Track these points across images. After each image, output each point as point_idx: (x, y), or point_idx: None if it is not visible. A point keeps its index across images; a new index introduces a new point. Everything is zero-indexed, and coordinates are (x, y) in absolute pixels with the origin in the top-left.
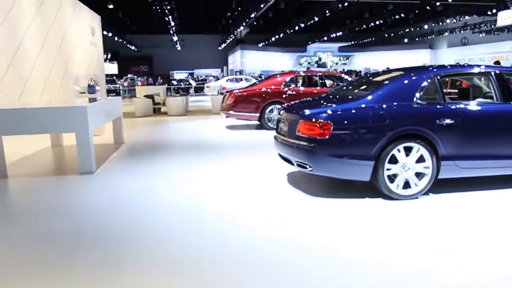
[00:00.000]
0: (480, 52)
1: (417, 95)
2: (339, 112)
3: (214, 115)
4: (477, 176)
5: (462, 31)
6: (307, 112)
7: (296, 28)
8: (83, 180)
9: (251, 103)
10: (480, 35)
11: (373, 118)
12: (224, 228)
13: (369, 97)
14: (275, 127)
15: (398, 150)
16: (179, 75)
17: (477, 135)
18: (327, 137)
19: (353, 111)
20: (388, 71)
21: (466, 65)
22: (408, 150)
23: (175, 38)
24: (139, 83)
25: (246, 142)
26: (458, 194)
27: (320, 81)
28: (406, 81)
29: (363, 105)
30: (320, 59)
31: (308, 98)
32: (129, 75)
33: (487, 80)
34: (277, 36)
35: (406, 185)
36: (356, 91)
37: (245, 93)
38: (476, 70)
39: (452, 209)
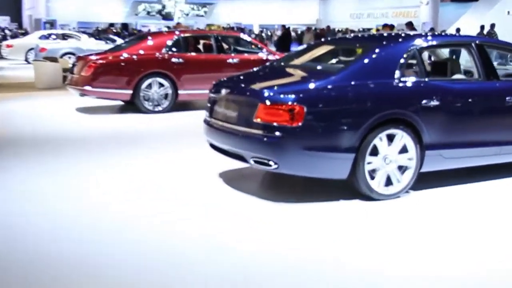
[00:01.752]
0: (383, 5)
1: (398, 71)
2: (312, 92)
3: (44, 92)
4: (458, 168)
5: None
6: (269, 92)
7: None
8: None
9: (120, 76)
10: None
11: (354, 100)
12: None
13: (343, 73)
14: (154, 108)
15: (380, 139)
16: None
17: (464, 119)
18: (299, 124)
19: (330, 90)
20: (353, 38)
21: (445, 34)
22: (389, 139)
23: None
24: None
25: (119, 132)
26: (441, 189)
27: (217, 44)
28: (383, 54)
29: (338, 83)
30: (164, 7)
31: (248, 72)
32: None
33: (469, 52)
34: None
35: (387, 181)
36: (319, 64)
37: (110, 61)
38: (459, 40)
39: (439, 207)
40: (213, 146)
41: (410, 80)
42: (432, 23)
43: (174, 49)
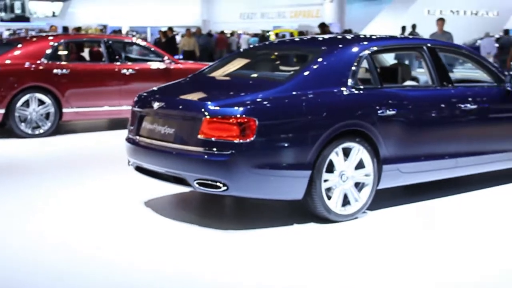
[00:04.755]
0: (279, 3)
1: (351, 78)
2: (263, 103)
3: None
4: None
5: None
6: (214, 104)
7: None
8: None
9: None
10: None
11: (308, 111)
12: None
13: (292, 82)
14: (34, 131)
15: (336, 154)
16: None
17: (420, 130)
18: (251, 139)
19: (281, 101)
20: (292, 42)
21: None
22: (344, 154)
23: None
24: None
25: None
26: (398, 208)
27: (108, 51)
28: (334, 60)
29: (288, 93)
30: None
31: (177, 82)
32: None
33: (420, 56)
34: None
35: (344, 201)
36: (259, 72)
37: None
38: (411, 43)
39: (397, 227)
40: (141, 169)
41: (364, 88)
42: (339, 24)
43: (55, 57)
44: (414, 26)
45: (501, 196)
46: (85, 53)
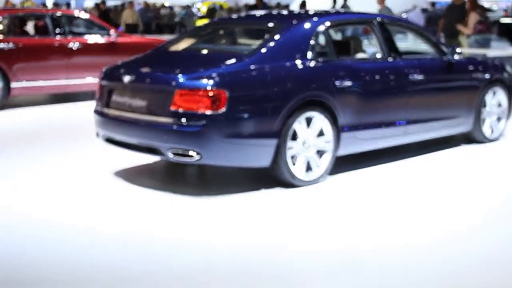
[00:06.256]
0: None
1: (310, 51)
2: (233, 76)
3: None
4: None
5: None
6: (186, 76)
7: None
8: None
9: None
10: None
11: (274, 82)
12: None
13: (257, 55)
14: None
15: (300, 123)
16: None
17: (373, 99)
18: (222, 110)
19: (250, 73)
20: (252, 17)
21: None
22: (307, 123)
23: None
24: None
25: None
26: (354, 172)
27: (54, 25)
28: (294, 34)
29: (256, 66)
30: None
31: (144, 56)
32: None
33: (371, 30)
34: None
35: (307, 167)
36: (224, 46)
37: None
38: (362, 18)
39: (357, 191)
40: (111, 141)
41: (323, 61)
42: None
43: (0, 32)
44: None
45: (444, 160)
46: (30, 28)
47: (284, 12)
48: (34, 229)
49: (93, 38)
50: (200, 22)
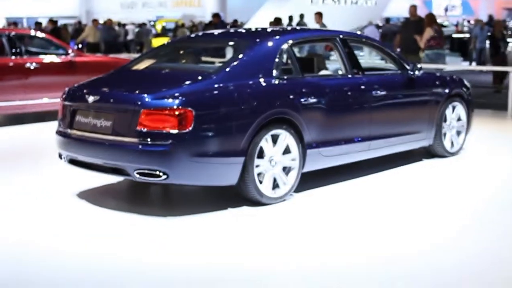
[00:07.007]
0: None
1: (275, 69)
2: (198, 94)
3: None
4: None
5: None
6: (151, 96)
7: None
8: None
9: None
10: None
11: (240, 100)
12: None
13: (223, 73)
14: None
15: (266, 140)
16: None
17: (337, 116)
18: (189, 129)
19: (215, 91)
20: (214, 35)
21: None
22: (273, 141)
23: None
24: None
25: None
26: (320, 189)
27: (10, 44)
28: (259, 52)
29: (221, 84)
30: None
31: (107, 76)
32: None
33: (333, 47)
34: None
35: (274, 184)
36: (188, 64)
37: None
38: (325, 35)
39: (324, 207)
40: (74, 162)
41: (288, 78)
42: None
43: None
44: (302, 16)
45: (407, 174)
46: None
47: (248, 30)
48: None
49: (51, 58)
50: (156, 41)
